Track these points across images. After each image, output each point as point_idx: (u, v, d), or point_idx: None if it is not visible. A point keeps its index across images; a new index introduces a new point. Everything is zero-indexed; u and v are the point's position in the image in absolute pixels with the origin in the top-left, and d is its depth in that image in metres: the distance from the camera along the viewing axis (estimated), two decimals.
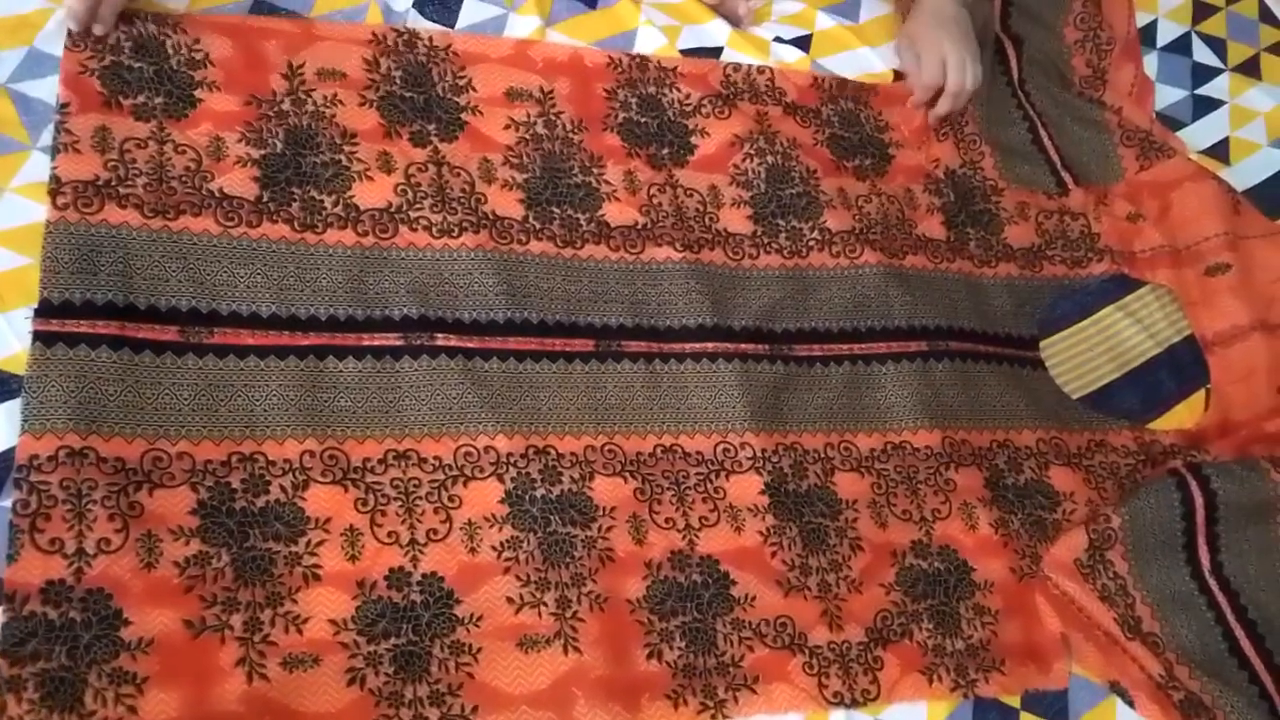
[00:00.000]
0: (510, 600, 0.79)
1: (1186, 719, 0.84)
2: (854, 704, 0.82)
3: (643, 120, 1.00)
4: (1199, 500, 0.91)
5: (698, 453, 0.89)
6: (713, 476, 0.88)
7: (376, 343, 0.85)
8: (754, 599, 0.84)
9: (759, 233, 1.00)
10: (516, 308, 0.89)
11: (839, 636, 0.84)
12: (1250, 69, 1.25)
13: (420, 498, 0.81)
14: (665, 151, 1.00)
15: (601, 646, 0.79)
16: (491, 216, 0.91)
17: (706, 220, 0.98)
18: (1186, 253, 1.10)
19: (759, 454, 0.90)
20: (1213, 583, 0.89)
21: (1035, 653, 0.88)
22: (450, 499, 0.82)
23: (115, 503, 0.73)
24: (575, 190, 0.95)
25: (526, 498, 0.83)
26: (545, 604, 0.79)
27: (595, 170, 0.97)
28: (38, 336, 0.76)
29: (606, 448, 0.87)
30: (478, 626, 0.78)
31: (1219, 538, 0.91)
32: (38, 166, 0.81)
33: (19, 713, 0.67)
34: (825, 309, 0.99)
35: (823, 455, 0.93)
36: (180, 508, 0.75)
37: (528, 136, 0.96)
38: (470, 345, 0.87)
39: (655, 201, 0.97)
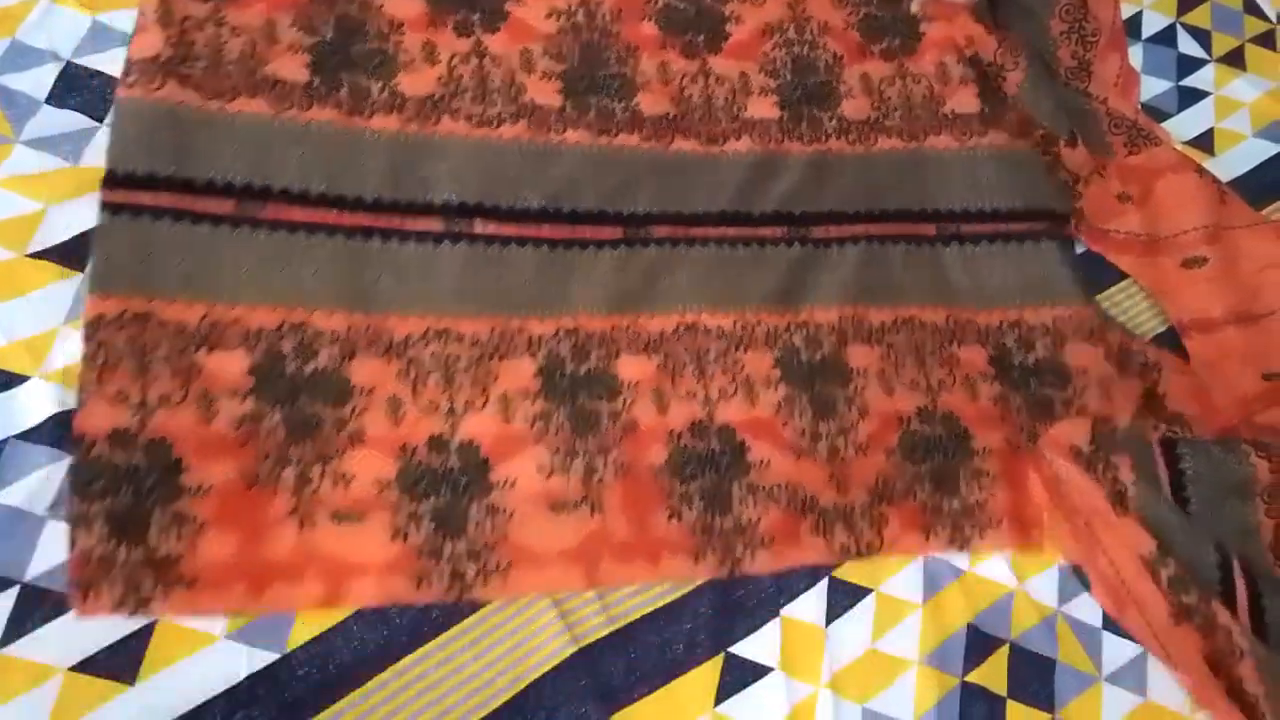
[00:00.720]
0: (541, 468, 0.84)
1: (1174, 594, 0.85)
2: (859, 555, 0.85)
3: (681, 6, 1.04)
4: (1164, 476, 0.91)
5: (718, 327, 0.92)
6: (732, 349, 0.91)
7: (420, 227, 0.89)
8: (768, 464, 0.87)
9: (785, 118, 1.02)
10: (551, 197, 0.92)
11: (845, 498, 0.87)
12: (1235, 60, 1.23)
13: (459, 371, 0.86)
14: (701, 38, 1.03)
15: (626, 509, 0.83)
16: (530, 106, 0.95)
17: (735, 109, 1.01)
18: (1165, 243, 1.09)
19: (773, 330, 0.93)
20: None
21: (1025, 520, 0.90)
22: (486, 373, 0.86)
23: (176, 362, 0.78)
24: (611, 80, 0.98)
25: (557, 374, 0.87)
26: (574, 471, 0.84)
27: (631, 60, 1.00)
28: (105, 205, 0.81)
29: (631, 329, 0.91)
30: (512, 490, 0.83)
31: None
32: (21, 159, 0.83)
33: (89, 544, 0.72)
34: (842, 194, 1.01)
35: (836, 328, 0.94)
36: (236, 369, 0.81)
37: (568, 26, 0.99)
38: (507, 233, 0.90)
39: (686, 93, 1.00)
